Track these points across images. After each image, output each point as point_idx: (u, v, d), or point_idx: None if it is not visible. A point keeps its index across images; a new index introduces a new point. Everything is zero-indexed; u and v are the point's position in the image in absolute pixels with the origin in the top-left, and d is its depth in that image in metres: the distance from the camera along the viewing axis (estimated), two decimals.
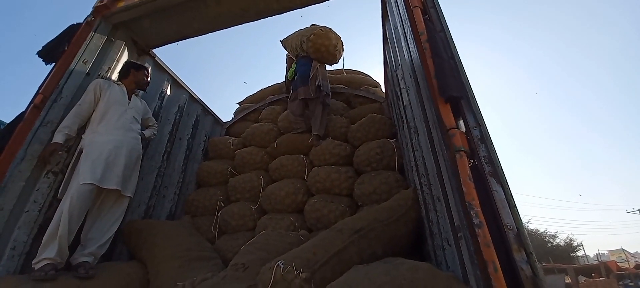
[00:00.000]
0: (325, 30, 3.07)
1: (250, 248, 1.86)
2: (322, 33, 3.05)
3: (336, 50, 3.10)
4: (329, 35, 3.05)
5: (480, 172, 0.85)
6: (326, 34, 3.04)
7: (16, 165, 1.78)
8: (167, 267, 1.85)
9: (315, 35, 3.04)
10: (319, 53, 3.04)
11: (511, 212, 0.79)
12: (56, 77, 2.02)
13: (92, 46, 2.27)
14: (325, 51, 3.04)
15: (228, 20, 2.60)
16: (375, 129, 2.70)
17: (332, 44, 3.05)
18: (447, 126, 0.93)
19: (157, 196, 2.66)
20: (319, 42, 3.02)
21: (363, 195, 2.28)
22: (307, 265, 1.31)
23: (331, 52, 3.06)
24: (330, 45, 3.04)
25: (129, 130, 2.09)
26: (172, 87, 3.07)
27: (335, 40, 3.10)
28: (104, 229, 1.91)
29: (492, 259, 0.71)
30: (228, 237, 2.45)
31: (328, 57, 3.11)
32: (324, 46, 3.02)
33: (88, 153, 1.87)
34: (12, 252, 1.70)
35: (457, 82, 0.99)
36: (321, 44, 3.02)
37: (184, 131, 3.11)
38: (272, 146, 3.00)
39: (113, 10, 2.34)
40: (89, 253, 1.80)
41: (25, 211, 1.79)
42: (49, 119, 1.96)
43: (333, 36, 3.09)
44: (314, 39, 3.03)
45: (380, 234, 1.59)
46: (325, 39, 3.03)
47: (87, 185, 1.75)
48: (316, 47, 3.03)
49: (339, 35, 3.19)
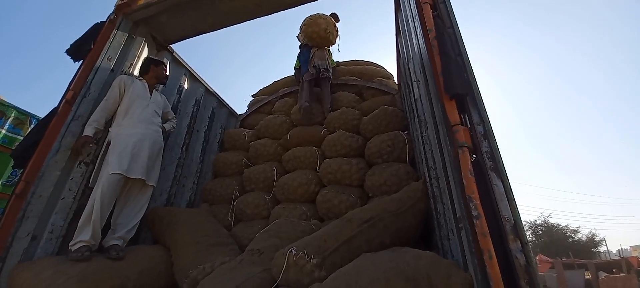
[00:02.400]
0: (313, 18, 3.36)
1: (264, 235, 1.96)
2: (310, 21, 3.35)
3: (327, 33, 3.38)
4: (317, 21, 3.34)
5: (482, 166, 0.89)
6: (314, 21, 3.34)
7: (52, 156, 1.94)
8: (188, 251, 1.99)
9: (305, 25, 3.37)
10: (313, 40, 3.38)
11: (509, 204, 0.83)
12: (84, 74, 2.16)
13: (115, 43, 2.40)
14: (317, 37, 3.35)
15: (242, 14, 2.66)
16: (387, 121, 2.71)
17: (321, 28, 3.35)
18: (451, 122, 0.97)
19: (177, 185, 2.82)
20: (309, 30, 3.35)
21: (373, 187, 2.33)
22: (317, 251, 1.39)
23: (322, 36, 3.36)
24: (320, 30, 3.34)
25: (151, 124, 2.22)
26: (189, 80, 3.19)
27: (324, 24, 3.37)
28: (131, 215, 2.06)
29: (488, 248, 0.76)
30: (244, 225, 2.57)
31: (322, 41, 3.40)
32: (314, 33, 3.34)
33: (115, 145, 2.01)
34: (50, 235, 1.87)
35: (463, 80, 1.01)
36: (312, 32, 3.34)
37: (201, 123, 3.24)
38: (285, 138, 3.08)
39: (134, 8, 2.45)
40: (119, 237, 1.96)
41: (61, 198, 1.96)
42: (80, 113, 2.11)
43: (321, 21, 3.37)
44: (305, 29, 3.37)
45: (388, 224, 1.64)
46: (314, 26, 3.34)
47: (115, 174, 1.90)
48: (308, 35, 3.37)
49: (328, 18, 3.43)
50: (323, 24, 3.35)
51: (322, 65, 3.24)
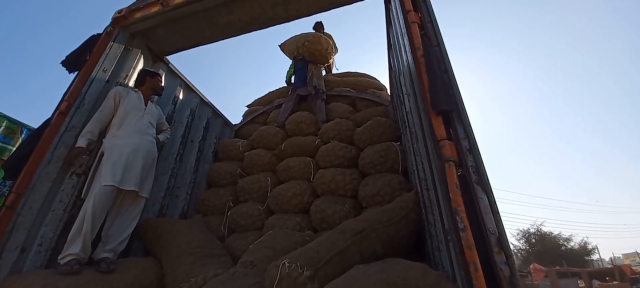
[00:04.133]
0: (317, 37, 3.73)
1: (258, 246, 1.96)
2: (314, 39, 3.70)
3: (327, 52, 3.74)
4: (320, 40, 3.70)
5: (467, 180, 0.92)
6: (318, 40, 3.69)
7: (44, 167, 1.93)
8: (180, 263, 1.97)
9: (309, 41, 3.69)
10: (313, 56, 3.67)
11: (494, 217, 0.86)
12: (79, 85, 2.17)
13: (111, 55, 2.42)
14: (318, 54, 3.67)
15: (238, 28, 2.71)
16: (380, 132, 2.76)
17: (323, 47, 3.70)
18: (438, 137, 1.01)
19: (170, 196, 2.80)
20: (312, 47, 3.66)
21: (367, 197, 2.35)
22: (310, 263, 1.40)
23: (323, 54, 3.70)
24: (323, 49, 3.69)
25: (145, 135, 2.23)
26: (185, 91, 3.21)
27: (326, 44, 3.73)
28: (123, 227, 2.05)
29: (474, 260, 0.79)
30: (237, 236, 2.56)
31: (321, 59, 3.74)
32: (317, 50, 3.66)
33: (109, 156, 2.00)
34: (39, 247, 1.84)
35: (449, 97, 1.06)
36: (314, 49, 3.65)
37: (195, 133, 3.25)
38: (280, 148, 3.10)
39: (131, 21, 2.48)
40: (110, 249, 1.94)
41: (51, 210, 1.94)
42: (73, 124, 2.11)
43: (324, 41, 3.74)
44: (309, 45, 3.67)
45: (381, 235, 1.66)
46: (318, 44, 3.68)
47: (108, 186, 1.89)
48: (310, 51, 3.66)
49: (328, 39, 3.82)
50: (325, 44, 3.73)
51: (321, 86, 3.48)
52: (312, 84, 3.43)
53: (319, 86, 3.42)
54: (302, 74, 3.58)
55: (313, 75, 3.52)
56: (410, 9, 1.47)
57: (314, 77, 3.50)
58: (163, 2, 2.39)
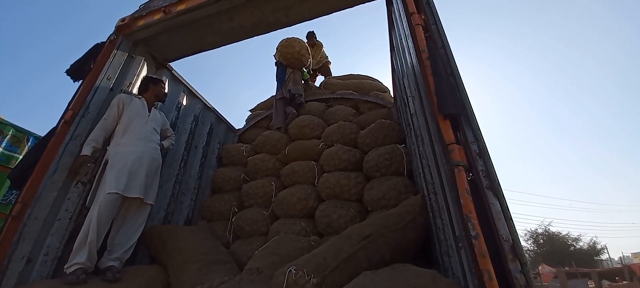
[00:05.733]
0: (288, 40, 3.69)
1: (263, 253, 1.94)
2: (286, 43, 3.67)
3: (300, 55, 3.69)
4: (292, 43, 3.66)
5: (478, 185, 0.90)
6: (289, 43, 3.66)
7: (49, 176, 1.93)
8: (186, 270, 1.96)
9: (281, 45, 3.68)
10: (287, 60, 3.66)
11: (507, 224, 0.84)
12: (83, 94, 2.18)
13: (115, 63, 2.43)
14: (291, 57, 3.64)
15: (240, 33, 2.71)
16: (384, 135, 2.73)
17: (295, 50, 3.65)
18: (446, 141, 0.98)
19: (175, 202, 2.80)
20: (284, 51, 3.65)
21: (372, 201, 2.33)
22: (317, 270, 1.38)
23: (296, 57, 3.65)
24: (294, 51, 3.65)
25: (149, 141, 2.23)
26: (188, 97, 3.21)
27: (298, 46, 3.68)
28: (128, 235, 2.04)
29: (487, 268, 0.76)
30: (242, 242, 2.54)
31: (295, 63, 3.68)
32: (289, 54, 3.64)
33: (113, 164, 2.00)
34: (45, 257, 1.84)
35: (456, 100, 1.03)
36: (286, 52, 3.64)
37: (199, 139, 3.25)
38: (283, 153, 3.09)
39: (134, 29, 2.49)
40: (115, 258, 1.94)
41: (57, 219, 1.94)
42: (78, 132, 2.11)
43: (296, 44, 3.68)
44: (281, 49, 3.67)
45: (388, 240, 1.64)
46: (289, 47, 3.65)
47: (112, 194, 1.89)
48: (283, 55, 3.67)
49: (303, 42, 3.78)
50: (297, 47, 3.71)
51: (297, 90, 3.52)
52: (286, 88, 3.51)
53: (294, 90, 3.47)
54: (282, 79, 3.67)
55: (289, 80, 3.57)
56: (414, 11, 1.46)
57: (289, 82, 3.56)
58: (165, 10, 2.40)
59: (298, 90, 3.53)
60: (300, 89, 3.59)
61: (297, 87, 3.55)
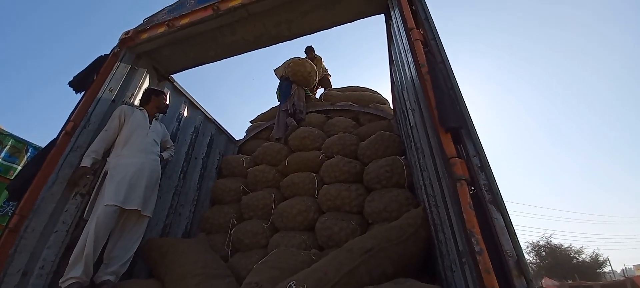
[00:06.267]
0: (301, 60, 4.08)
1: (263, 266, 1.91)
2: (299, 61, 4.05)
3: (310, 76, 4.04)
4: (304, 64, 4.05)
5: (481, 199, 0.90)
6: (302, 63, 4.04)
7: (48, 188, 1.92)
8: (185, 285, 1.92)
9: (294, 62, 4.04)
10: (296, 76, 3.97)
11: (511, 239, 0.83)
12: (85, 106, 2.19)
13: (118, 75, 2.45)
14: (300, 76, 3.97)
15: (242, 46, 2.75)
16: (385, 146, 2.73)
17: (306, 71, 4.00)
18: (448, 155, 0.99)
19: (173, 214, 2.77)
20: (295, 68, 3.98)
21: (373, 213, 2.31)
22: (318, 285, 1.36)
23: (306, 77, 4.00)
24: (305, 72, 3.99)
25: (150, 153, 2.23)
26: (189, 108, 3.23)
27: (309, 68, 4.04)
28: (126, 248, 2.01)
29: (493, 285, 0.75)
30: (241, 255, 2.51)
31: (304, 81, 4.01)
32: (299, 72, 3.97)
33: (113, 175, 1.99)
34: (40, 271, 1.81)
35: (457, 113, 1.04)
36: (297, 70, 3.97)
37: (199, 150, 3.25)
38: (283, 164, 3.08)
39: (137, 42, 2.53)
40: (112, 272, 1.90)
41: (54, 231, 1.92)
42: (79, 144, 2.11)
43: (308, 65, 4.05)
44: (293, 66, 4.00)
45: (390, 253, 1.62)
46: (301, 66, 4.00)
47: (111, 206, 1.87)
48: (294, 71, 3.98)
49: (313, 65, 4.17)
50: (309, 68, 4.05)
51: (300, 106, 3.70)
52: (291, 102, 3.71)
53: (298, 106, 3.66)
54: (287, 93, 3.88)
55: (294, 95, 3.78)
56: (413, 27, 1.48)
57: (294, 96, 3.77)
58: (169, 23, 2.45)
59: (301, 107, 3.72)
60: (303, 106, 3.77)
61: (301, 103, 3.76)
